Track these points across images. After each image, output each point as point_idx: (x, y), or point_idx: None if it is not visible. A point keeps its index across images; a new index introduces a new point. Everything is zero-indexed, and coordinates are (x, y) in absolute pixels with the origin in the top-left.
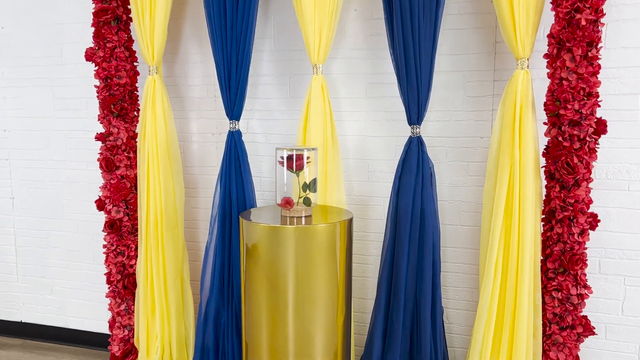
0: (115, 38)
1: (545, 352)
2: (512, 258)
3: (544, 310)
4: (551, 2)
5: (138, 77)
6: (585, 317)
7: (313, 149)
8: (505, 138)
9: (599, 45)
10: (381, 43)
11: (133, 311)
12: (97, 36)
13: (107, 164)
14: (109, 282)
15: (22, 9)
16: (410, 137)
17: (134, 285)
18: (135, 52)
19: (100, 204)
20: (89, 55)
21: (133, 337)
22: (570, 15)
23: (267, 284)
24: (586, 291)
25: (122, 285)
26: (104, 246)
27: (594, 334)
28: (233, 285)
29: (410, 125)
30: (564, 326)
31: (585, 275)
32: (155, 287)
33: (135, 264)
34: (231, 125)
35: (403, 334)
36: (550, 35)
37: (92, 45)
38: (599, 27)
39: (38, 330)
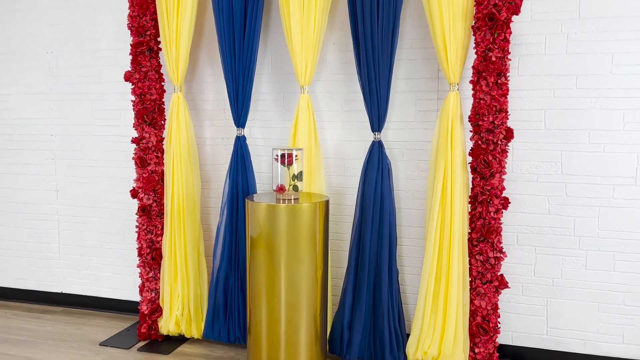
0: (148, 64)
1: (471, 301)
2: (445, 231)
3: (470, 270)
4: (475, 43)
5: (165, 94)
6: (501, 275)
7: (300, 149)
8: (441, 143)
9: (507, 74)
10: (354, 69)
11: (159, 278)
12: (134, 62)
13: (141, 161)
14: (140, 255)
15: (67, 37)
16: (373, 141)
17: (160, 257)
18: (162, 74)
19: (134, 193)
20: (128, 77)
21: (159, 298)
22: (485, 53)
23: (265, 248)
24: (501, 254)
25: (151, 257)
26: (136, 227)
27: (507, 287)
28: (239, 256)
29: (373, 132)
30: (484, 281)
31: (500, 243)
32: (178, 258)
33: (161, 240)
34: (238, 132)
35: (367, 289)
36: (473, 67)
37: (128, 69)
38: (506, 62)
39: (77, 299)
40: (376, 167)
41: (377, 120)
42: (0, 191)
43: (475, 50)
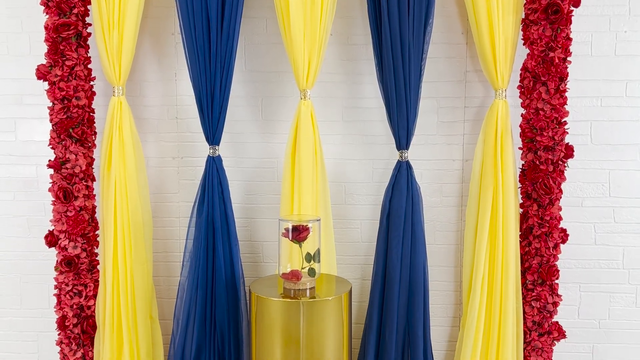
0: (75, 55)
1: (525, 358)
2: (497, 272)
3: (524, 320)
4: (522, 39)
5: (94, 98)
6: (556, 322)
7: (317, 219)
8: (487, 162)
9: (567, 79)
10: (358, 68)
11: (91, 358)
12: (53, 53)
13: (65, 195)
14: (61, 327)
15: None
16: (399, 161)
17: (94, 328)
18: (91, 70)
19: (53, 240)
20: (43, 74)
21: None
22: (544, 53)
23: (278, 344)
24: (558, 299)
25: (80, 329)
26: (56, 287)
27: (565, 337)
28: (215, 323)
29: (398, 151)
30: (542, 332)
31: (558, 285)
32: (124, 327)
33: (94, 304)
34: (211, 151)
35: (395, 352)
36: (524, 69)
37: (37, 60)
38: (567, 65)
39: None
40: (405, 194)
41: (405, 134)
42: None
43: (527, 48)
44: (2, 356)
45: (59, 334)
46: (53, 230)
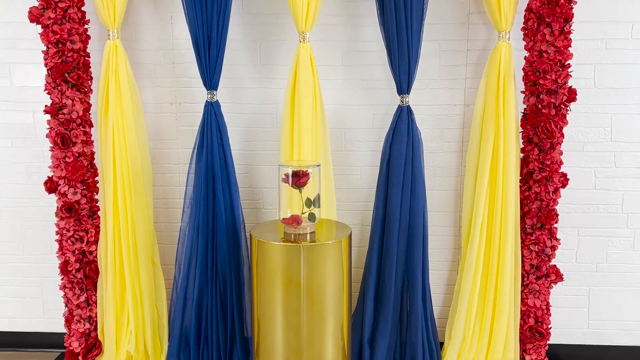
0: None
1: (523, 300)
2: (496, 217)
3: (522, 263)
4: None
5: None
6: (554, 265)
7: (316, 165)
8: (489, 106)
9: (572, 21)
10: (359, 9)
11: (94, 302)
12: None
13: (63, 141)
14: (64, 272)
15: None
16: (400, 106)
17: (96, 273)
18: (85, 12)
19: (53, 186)
20: (35, 16)
21: (96, 330)
22: None
23: (280, 287)
24: (557, 242)
25: (83, 274)
26: (57, 232)
27: (562, 280)
28: (217, 267)
29: (399, 95)
30: (539, 275)
31: (556, 229)
32: (127, 272)
33: (96, 250)
34: (209, 96)
35: (395, 297)
36: (529, 10)
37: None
38: (572, 5)
39: None
40: (405, 140)
41: (406, 78)
42: None
43: None
44: (8, 301)
45: (62, 279)
46: (52, 176)
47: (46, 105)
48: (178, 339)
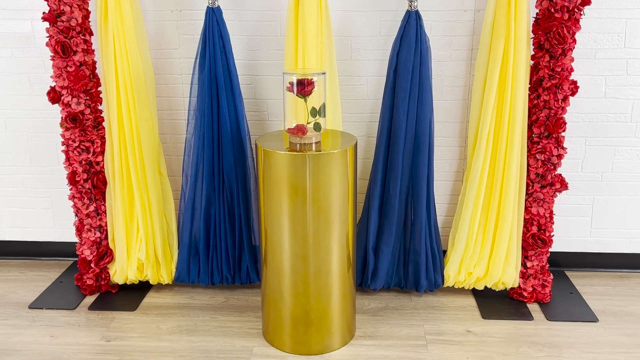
0: None
1: (526, 209)
2: (503, 126)
3: (528, 172)
4: None
5: None
6: (559, 174)
7: (322, 73)
8: (500, 10)
9: None
10: None
11: (103, 212)
12: None
13: (63, 49)
14: (72, 182)
15: None
16: (408, 11)
17: (104, 183)
18: None
19: (56, 96)
20: None
21: (106, 238)
22: None
23: (286, 197)
24: (563, 152)
25: (91, 184)
26: (63, 143)
27: (567, 188)
28: (223, 176)
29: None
30: (544, 184)
31: (564, 137)
32: (134, 182)
33: (102, 160)
34: (210, 1)
35: (399, 205)
36: None
37: None
38: None
39: None
40: (413, 47)
41: None
42: None
43: None
44: (19, 212)
45: (70, 189)
46: (55, 86)
47: (44, 12)
48: (188, 247)
